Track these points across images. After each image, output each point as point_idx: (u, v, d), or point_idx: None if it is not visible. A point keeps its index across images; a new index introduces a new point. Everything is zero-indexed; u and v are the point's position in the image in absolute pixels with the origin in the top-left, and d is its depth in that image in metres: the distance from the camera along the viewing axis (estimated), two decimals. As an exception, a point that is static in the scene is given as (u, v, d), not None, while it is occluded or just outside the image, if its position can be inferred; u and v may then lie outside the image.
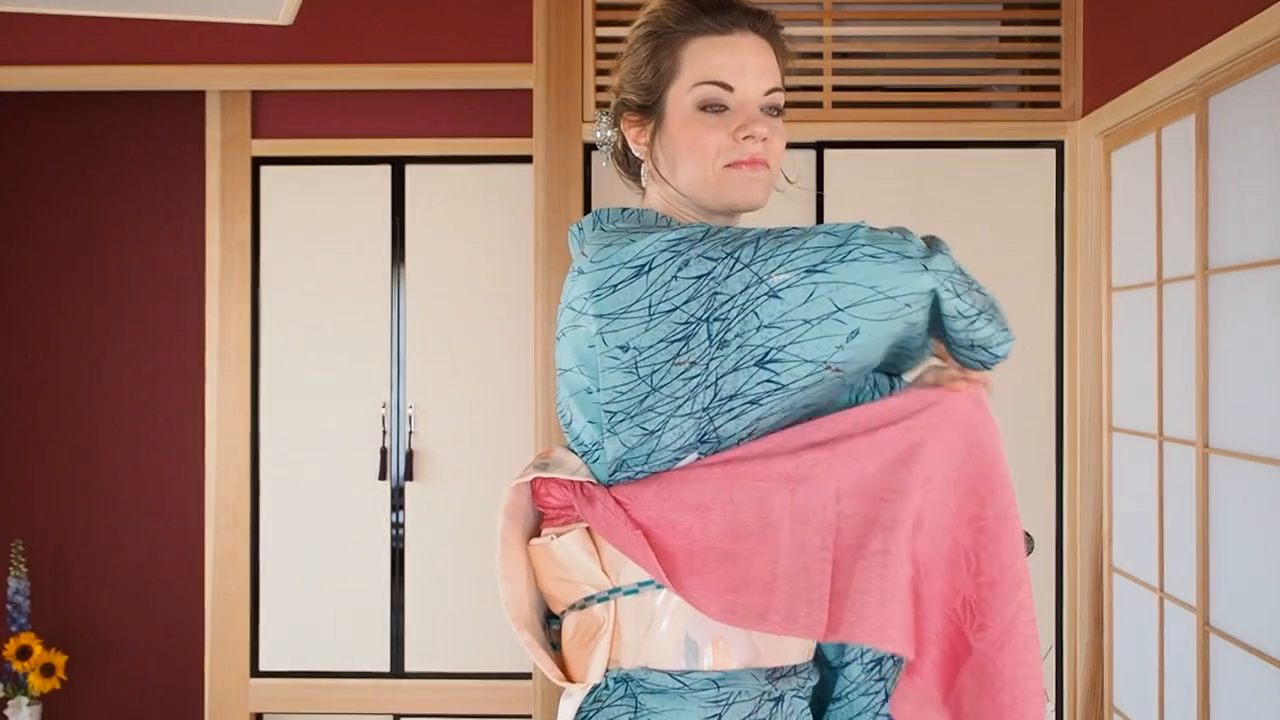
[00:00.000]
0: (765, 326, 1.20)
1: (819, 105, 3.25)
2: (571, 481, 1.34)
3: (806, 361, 1.21)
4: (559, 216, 3.22)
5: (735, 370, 1.22)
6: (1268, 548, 2.29)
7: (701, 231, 1.25)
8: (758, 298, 1.20)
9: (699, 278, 1.22)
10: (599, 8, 3.27)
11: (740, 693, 1.31)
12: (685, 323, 1.23)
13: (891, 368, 1.36)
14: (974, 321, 1.24)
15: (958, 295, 1.22)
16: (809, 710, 1.39)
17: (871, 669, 1.41)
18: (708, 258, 1.23)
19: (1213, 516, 2.51)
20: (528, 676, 3.48)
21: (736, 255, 1.22)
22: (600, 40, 3.26)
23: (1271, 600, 2.28)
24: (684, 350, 1.24)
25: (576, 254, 1.41)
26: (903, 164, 3.30)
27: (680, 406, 1.25)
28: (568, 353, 1.33)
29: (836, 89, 3.27)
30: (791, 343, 1.20)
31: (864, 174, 3.29)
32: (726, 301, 1.21)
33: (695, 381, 1.25)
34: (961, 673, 1.26)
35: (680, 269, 1.23)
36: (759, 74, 1.39)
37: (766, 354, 1.21)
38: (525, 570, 1.40)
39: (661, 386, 1.25)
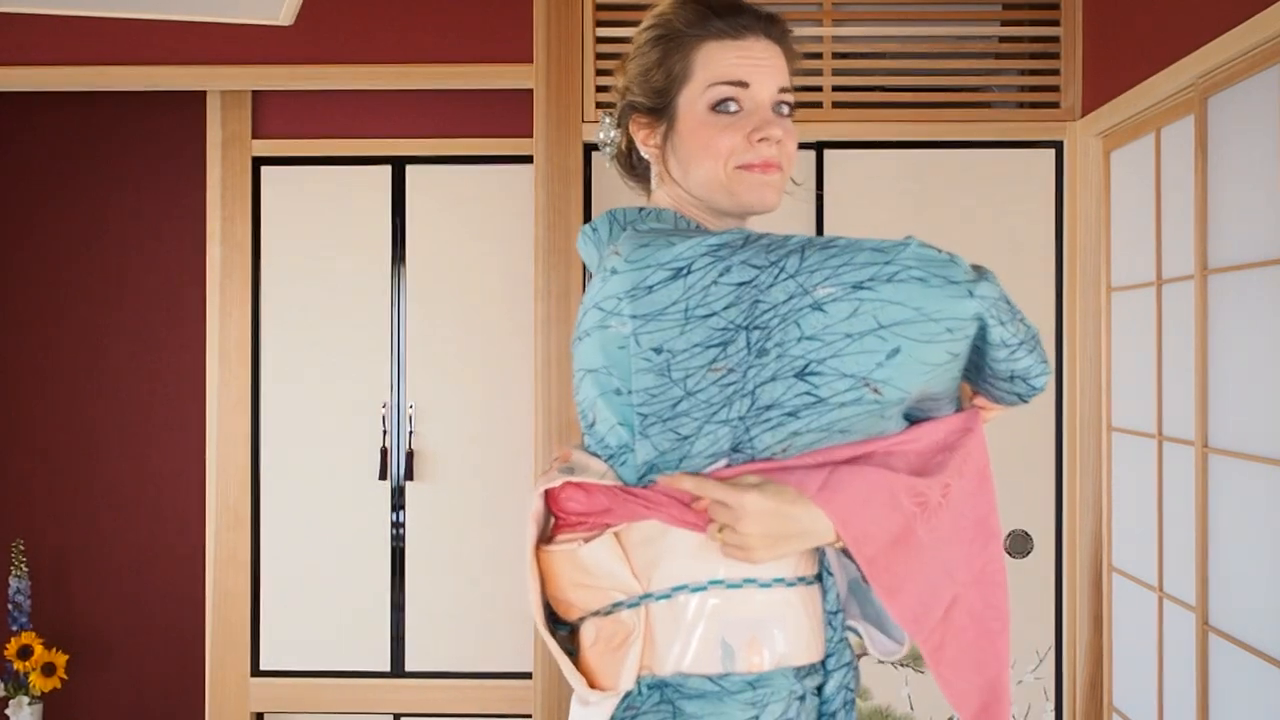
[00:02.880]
0: (806, 338, 1.20)
1: (819, 105, 3.25)
2: (606, 486, 1.32)
3: (846, 376, 1.21)
4: (559, 216, 3.22)
5: (773, 380, 1.22)
6: (1267, 548, 2.29)
7: (742, 238, 1.25)
8: (801, 309, 1.20)
9: (740, 285, 1.22)
10: (599, 8, 3.27)
11: (773, 693, 1.31)
12: (723, 329, 1.23)
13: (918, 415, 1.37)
14: (1015, 351, 1.26)
15: (1002, 323, 1.23)
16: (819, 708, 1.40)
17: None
18: (751, 265, 1.22)
19: (1212, 516, 2.51)
20: (528, 676, 3.49)
21: (781, 265, 1.21)
22: (600, 40, 3.26)
23: (1271, 600, 2.28)
24: (721, 356, 1.23)
25: (594, 255, 1.41)
26: (903, 164, 3.30)
27: (715, 413, 1.25)
28: (594, 353, 1.31)
29: (836, 89, 3.27)
30: (832, 356, 1.20)
31: (864, 174, 3.29)
32: (768, 310, 1.21)
33: (731, 389, 1.24)
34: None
35: (721, 274, 1.22)
36: (771, 75, 1.39)
37: (806, 366, 1.21)
38: (537, 576, 1.39)
39: (696, 391, 1.24)
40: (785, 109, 1.41)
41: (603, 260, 1.33)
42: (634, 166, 1.51)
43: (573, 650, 1.40)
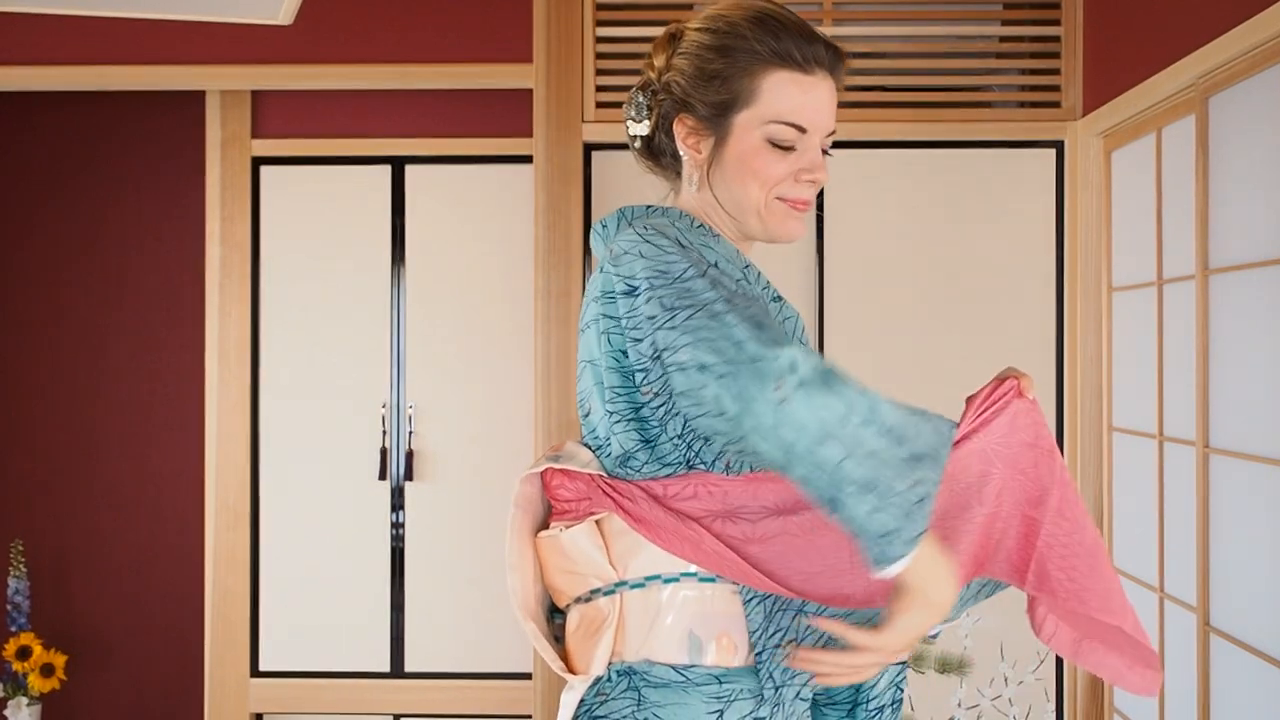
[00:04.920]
0: (679, 392, 1.19)
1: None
2: (588, 475, 1.35)
3: (710, 437, 1.22)
4: (559, 216, 3.22)
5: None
6: (1268, 548, 2.29)
7: (681, 268, 1.24)
8: (670, 364, 1.19)
9: (649, 318, 1.23)
10: (599, 8, 3.27)
11: (742, 690, 1.31)
12: (647, 354, 1.26)
13: None
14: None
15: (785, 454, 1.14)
16: (809, 712, 1.40)
17: (874, 714, 1.45)
18: (661, 305, 1.22)
19: (1213, 517, 2.51)
20: (528, 676, 3.48)
21: (674, 313, 1.20)
22: (600, 40, 3.26)
23: (1272, 600, 2.28)
24: (645, 380, 1.28)
25: (602, 252, 1.41)
26: (903, 164, 3.30)
27: (658, 434, 1.31)
28: (593, 344, 1.35)
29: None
30: (694, 416, 1.19)
31: (864, 174, 3.29)
32: (663, 350, 1.21)
33: (663, 409, 1.29)
34: (1038, 544, 1.31)
35: (645, 302, 1.24)
36: (828, 118, 1.39)
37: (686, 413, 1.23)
38: (532, 562, 1.41)
39: (649, 402, 1.30)
40: (825, 151, 1.41)
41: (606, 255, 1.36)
42: (656, 155, 1.48)
43: (561, 637, 1.42)
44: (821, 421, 1.10)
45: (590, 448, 1.39)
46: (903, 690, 1.46)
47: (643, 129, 1.45)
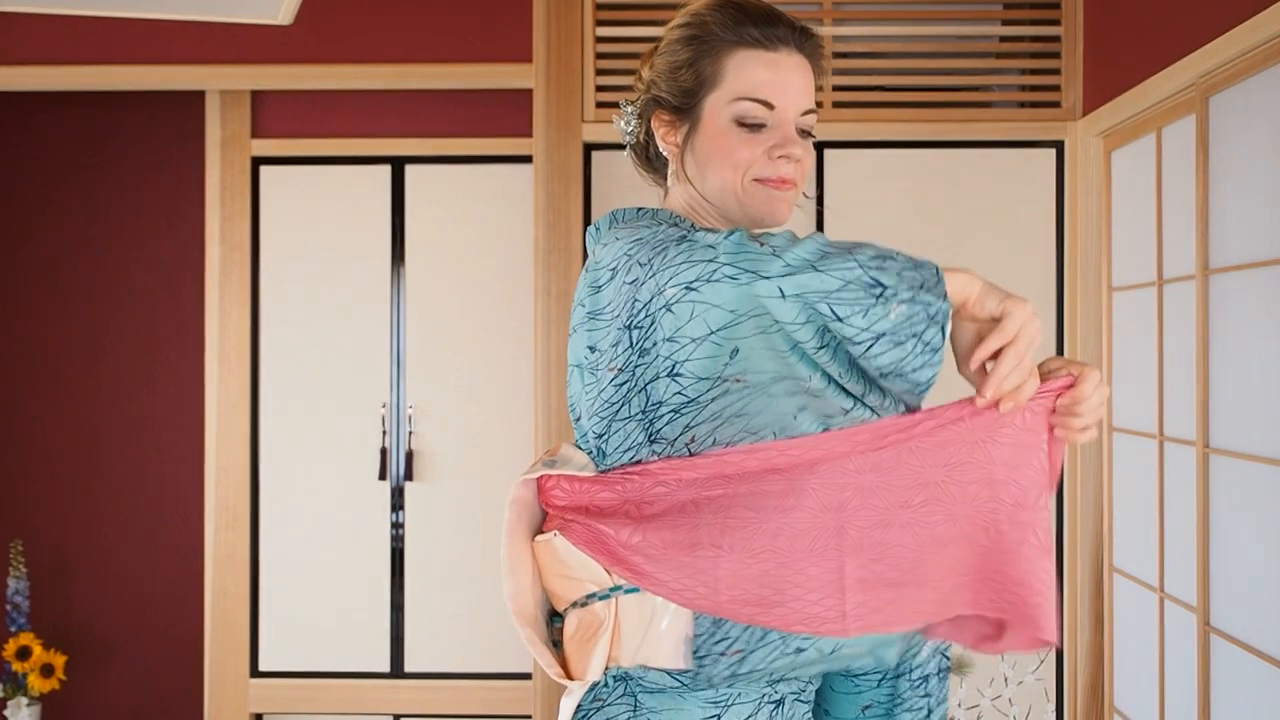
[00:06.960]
0: (666, 339, 1.19)
1: (819, 105, 3.25)
2: (583, 479, 1.33)
3: (702, 379, 1.20)
4: (559, 216, 3.22)
5: (656, 379, 1.23)
6: (1268, 548, 2.29)
7: (653, 234, 1.24)
8: (658, 310, 1.19)
9: (629, 283, 1.23)
10: (599, 8, 3.27)
11: (739, 694, 1.30)
12: (621, 328, 1.24)
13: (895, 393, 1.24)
14: (871, 346, 1.12)
15: (840, 319, 1.11)
16: (810, 714, 1.39)
17: (918, 685, 1.40)
18: (638, 263, 1.22)
19: (1213, 516, 2.50)
20: (528, 676, 3.48)
21: (652, 262, 1.20)
22: (600, 40, 3.26)
23: (1272, 600, 2.28)
24: (613, 357, 1.26)
25: (592, 253, 1.42)
26: (903, 164, 3.29)
27: (618, 412, 1.27)
28: (581, 347, 1.34)
29: (837, 89, 3.27)
30: (686, 359, 1.19)
31: (864, 174, 3.29)
32: (641, 309, 1.21)
33: (625, 387, 1.26)
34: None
35: (626, 273, 1.24)
36: (799, 94, 1.39)
37: (673, 366, 1.21)
38: (529, 566, 1.39)
39: (604, 389, 1.28)
40: (806, 133, 1.41)
41: None
42: (650, 160, 1.50)
43: (559, 642, 1.41)
44: (830, 246, 1.13)
45: (584, 450, 1.38)
46: (949, 658, 1.39)
47: (632, 138, 1.49)
